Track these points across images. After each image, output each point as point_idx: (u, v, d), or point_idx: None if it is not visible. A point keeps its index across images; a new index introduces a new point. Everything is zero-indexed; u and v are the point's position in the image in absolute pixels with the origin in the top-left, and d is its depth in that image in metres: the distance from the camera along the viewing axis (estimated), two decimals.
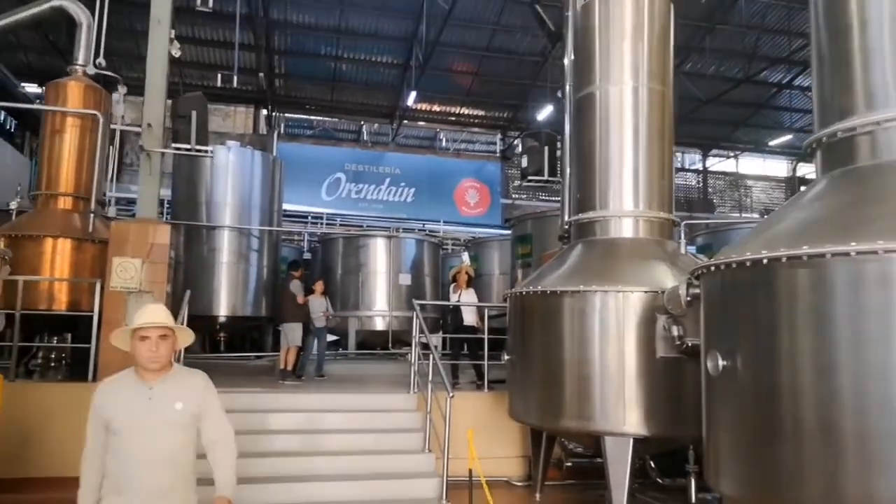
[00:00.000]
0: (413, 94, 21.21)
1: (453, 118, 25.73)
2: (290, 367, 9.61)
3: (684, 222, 7.98)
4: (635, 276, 6.32)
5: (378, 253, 14.94)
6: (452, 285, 9.87)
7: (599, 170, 7.00)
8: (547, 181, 8.74)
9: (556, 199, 25.88)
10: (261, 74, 20.92)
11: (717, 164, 27.92)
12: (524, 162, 8.86)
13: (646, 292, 6.06)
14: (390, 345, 14.63)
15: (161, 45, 7.91)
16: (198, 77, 23.00)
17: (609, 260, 6.68)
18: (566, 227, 7.55)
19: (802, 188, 4.79)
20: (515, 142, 26.21)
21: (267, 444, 7.01)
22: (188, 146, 7.86)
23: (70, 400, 7.20)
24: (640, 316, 6.06)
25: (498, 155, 26.58)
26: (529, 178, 8.76)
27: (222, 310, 13.73)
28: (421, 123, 26.20)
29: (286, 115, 25.60)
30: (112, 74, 8.84)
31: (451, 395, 6.66)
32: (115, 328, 3.78)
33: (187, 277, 13.79)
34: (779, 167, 27.76)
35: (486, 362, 8.64)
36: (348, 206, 23.90)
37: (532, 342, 6.80)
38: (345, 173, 24.65)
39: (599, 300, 6.24)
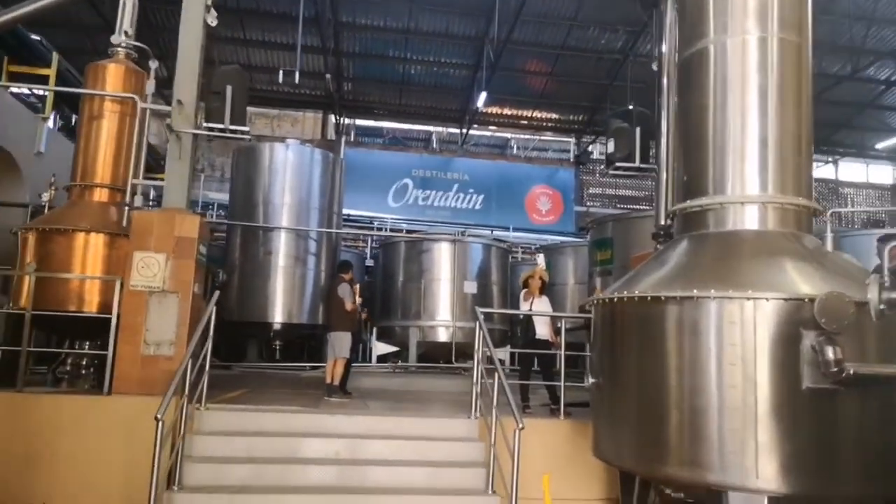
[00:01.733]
0: (483, 95, 19.88)
1: (525, 122, 24.24)
2: (336, 381, 8.39)
3: (830, 211, 6.23)
4: (766, 278, 4.71)
5: (442, 258, 13.63)
6: (523, 292, 8.41)
7: (714, 144, 5.42)
8: (639, 169, 7.19)
9: (636, 205, 23.92)
10: (327, 76, 20.05)
11: (814, 169, 25.30)
12: (610, 146, 7.34)
13: (786, 300, 4.45)
14: (453, 358, 13.24)
15: (196, 11, 6.85)
16: (266, 81, 22.46)
17: (729, 258, 5.08)
18: (668, 218, 5.99)
19: None
20: (591, 147, 24.50)
21: (297, 477, 5.74)
22: (222, 126, 6.74)
23: (82, 414, 6.15)
24: (777, 331, 4.46)
25: (572, 160, 24.89)
26: (617, 165, 7.22)
27: (277, 316, 12.74)
28: (491, 128, 24.83)
29: (356, 121, 24.77)
30: (144, 46, 7.82)
31: (520, 426, 5.19)
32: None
33: (242, 282, 12.89)
34: (884, 174, 24.87)
35: (562, 383, 7.12)
36: (415, 212, 22.75)
37: (625, 362, 5.27)
38: (412, 179, 23.54)
39: (719, 309, 4.67)
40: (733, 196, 5.28)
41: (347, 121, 24.32)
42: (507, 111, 23.78)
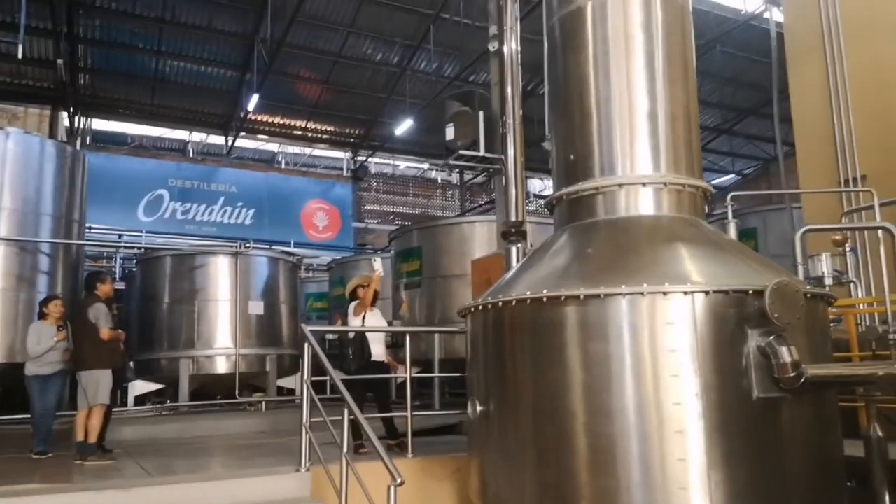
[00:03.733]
0: (255, 98, 17.88)
1: (299, 132, 22.54)
2: (93, 438, 6.13)
3: (731, 195, 5.79)
4: (683, 270, 3.96)
5: (220, 275, 11.52)
6: (353, 305, 6.94)
7: (599, 119, 4.63)
8: (483, 160, 6.24)
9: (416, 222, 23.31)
10: (59, 62, 16.43)
11: None
12: (449, 133, 6.30)
13: (719, 292, 3.70)
14: (237, 392, 11.17)
15: None
16: None
17: (629, 248, 4.27)
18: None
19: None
20: (367, 160, 23.62)
21: None
22: None
23: None
24: (710, 330, 3.68)
25: (349, 175, 23.75)
26: (460, 154, 6.19)
27: None
28: (261, 137, 22.69)
29: (93, 122, 20.85)
30: None
31: (397, 480, 3.75)
32: None
33: None
34: None
35: (409, 413, 5.82)
36: (173, 227, 19.73)
37: (518, 382, 4.18)
38: (168, 190, 20.44)
39: (633, 307, 3.80)
40: (624, 177, 4.51)
41: (84, 122, 20.39)
42: (278, 119, 21.90)
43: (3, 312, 9.59)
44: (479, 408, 4.19)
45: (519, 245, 5.95)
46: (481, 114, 6.22)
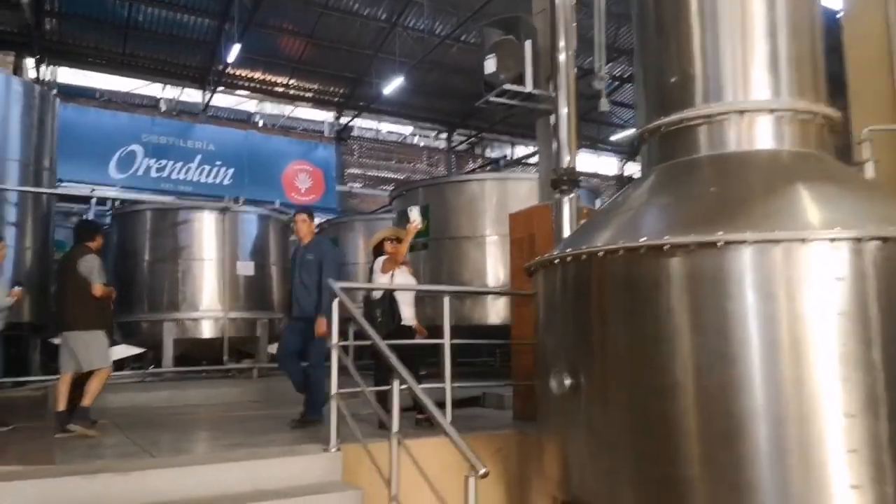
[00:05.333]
0: (237, 48, 16.56)
1: (280, 89, 21.22)
2: (87, 402, 5.25)
3: (869, 129, 4.98)
4: (822, 214, 3.20)
5: (206, 232, 10.49)
6: (380, 261, 6.00)
7: (702, 34, 3.81)
8: (529, 97, 5.37)
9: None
10: (23, 1, 14.88)
11: None
12: (490, 65, 5.40)
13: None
14: (225, 357, 10.24)
15: None
16: None
17: (745, 189, 3.49)
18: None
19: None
20: (351, 122, 22.43)
21: None
22: None
23: None
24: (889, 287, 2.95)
25: (332, 136, 22.54)
26: (502, 90, 5.29)
27: None
28: (241, 93, 21.30)
29: (57, 76, 19.21)
30: None
31: (480, 470, 2.94)
32: None
33: None
34: (610, 165, 27.07)
35: (448, 384, 5.02)
36: (147, 185, 18.38)
37: (607, 351, 3.41)
38: (142, 146, 19.01)
39: (762, 258, 3.05)
40: (736, 103, 3.70)
41: (51, 72, 18.79)
42: (259, 75, 20.55)
43: None
44: (567, 381, 3.38)
45: (571, 195, 5.15)
46: (528, 43, 5.34)
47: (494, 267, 9.55)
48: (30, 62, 17.92)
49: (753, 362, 3.07)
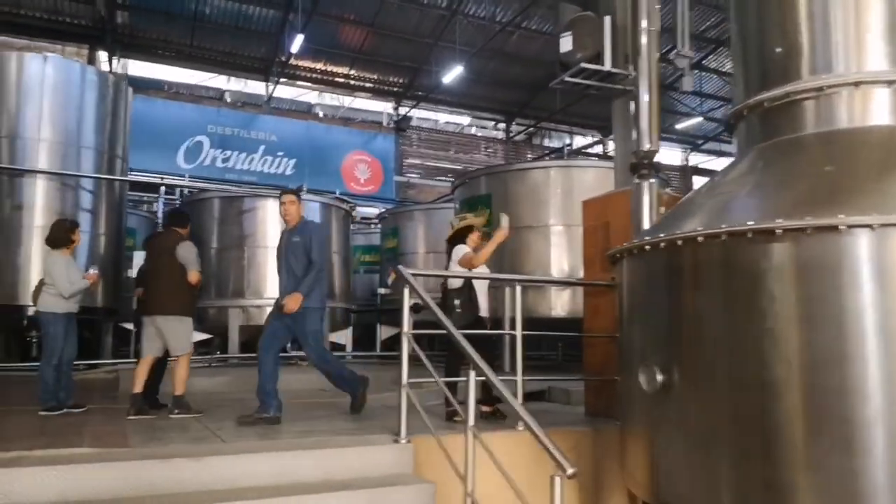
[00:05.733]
0: (299, 39, 16.68)
1: (341, 79, 21.32)
2: (179, 390, 5.34)
3: None
4: None
5: (270, 220, 10.55)
6: (462, 250, 5.66)
7: (810, 1, 3.46)
8: (609, 76, 5.08)
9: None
10: None
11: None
12: (565, 44, 5.14)
13: None
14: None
15: None
16: (11, 2, 16.91)
17: (863, 169, 3.15)
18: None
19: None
20: (410, 112, 22.36)
21: None
22: None
23: None
24: None
25: (392, 126, 22.54)
26: (583, 67, 5.03)
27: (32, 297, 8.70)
28: (302, 84, 21.49)
29: (128, 70, 19.76)
30: None
31: (568, 470, 2.73)
32: None
33: None
34: (673, 156, 26.19)
35: (519, 376, 4.82)
36: (213, 175, 18.76)
37: (704, 345, 3.13)
38: (209, 136, 19.44)
39: (892, 244, 2.71)
40: (849, 74, 3.35)
41: (121, 65, 19.35)
42: (320, 66, 20.69)
43: (40, 252, 8.73)
44: (658, 377, 3.13)
45: (652, 180, 4.85)
46: (608, 19, 5.04)
47: (559, 258, 9.28)
48: (102, 55, 18.50)
49: (872, 362, 2.77)
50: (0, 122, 8.91)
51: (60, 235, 5.67)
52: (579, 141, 25.44)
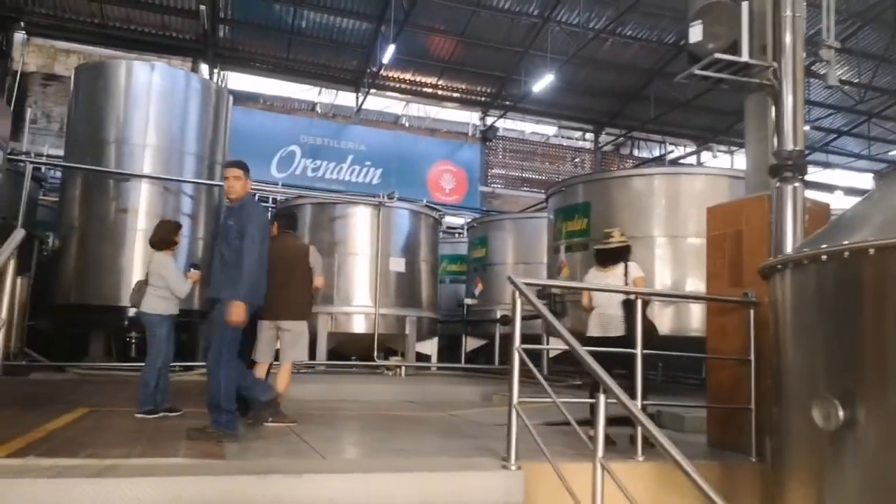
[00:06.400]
0: (391, 49, 16.70)
1: (429, 90, 21.28)
2: (279, 393, 5.21)
3: None
4: None
5: (361, 228, 10.46)
6: (636, 269, 5.25)
7: None
8: (746, 67, 4.54)
9: (541, 189, 21.75)
10: (202, 8, 15.94)
11: (710, 160, 24.64)
12: (695, 34, 4.64)
13: None
14: (375, 354, 10.13)
15: None
16: (121, 17, 17.86)
17: None
18: (798, 150, 3.32)
19: None
20: (496, 122, 22.06)
21: None
22: None
23: None
24: None
25: (478, 136, 22.30)
26: (713, 60, 4.51)
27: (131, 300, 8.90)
28: (391, 95, 21.60)
29: (227, 83, 20.45)
30: None
31: None
32: None
33: (84, 250, 9.01)
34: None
35: (637, 400, 4.31)
36: (304, 183, 19.06)
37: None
38: (300, 146, 19.83)
39: None
40: None
41: (221, 77, 20.04)
42: (409, 76, 20.72)
43: (142, 255, 8.94)
44: (840, 412, 2.58)
45: (797, 184, 4.26)
46: (745, 5, 4.51)
47: (661, 271, 8.65)
48: (204, 68, 19.22)
49: None
50: (109, 127, 9.21)
51: (165, 236, 5.65)
52: (672, 151, 24.36)
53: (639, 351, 4.35)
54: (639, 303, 4.45)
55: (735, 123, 22.65)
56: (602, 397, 3.06)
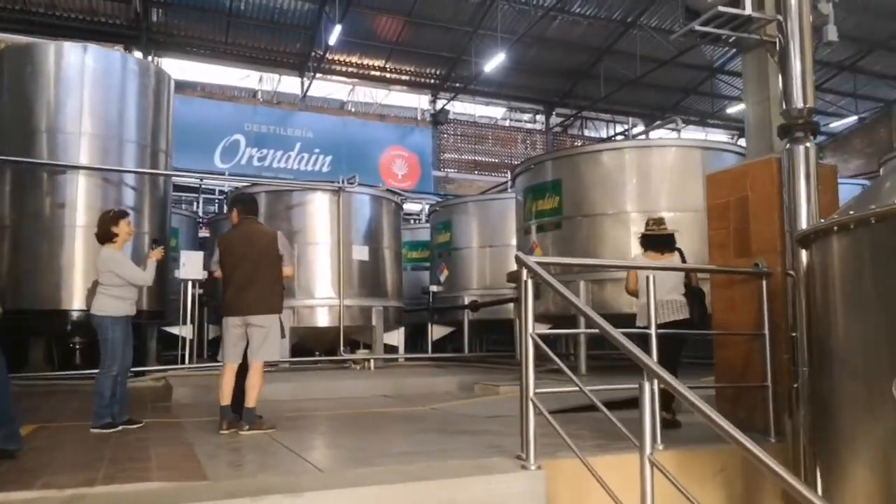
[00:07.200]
0: (337, 30, 16.04)
1: (376, 73, 20.63)
2: (251, 403, 4.64)
3: None
4: None
5: (321, 215, 9.92)
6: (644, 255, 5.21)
7: None
8: (748, 21, 4.25)
9: (497, 172, 21.35)
10: None
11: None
12: None
13: None
14: (341, 348, 9.63)
15: None
16: (45, 3, 16.54)
17: None
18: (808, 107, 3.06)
19: None
20: (447, 105, 21.61)
21: None
22: None
23: None
24: None
25: (428, 120, 21.80)
26: (716, 14, 4.20)
27: (76, 302, 8.14)
28: (337, 79, 20.84)
29: (164, 64, 19.24)
30: None
31: None
32: None
33: (16, 250, 8.22)
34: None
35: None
36: (250, 173, 18.20)
37: None
38: (245, 135, 18.93)
39: None
40: None
41: (155, 64, 18.85)
42: (356, 59, 20.03)
43: (84, 252, 8.18)
44: None
45: (809, 144, 4.02)
46: None
47: (637, 247, 8.43)
48: (137, 55, 18.02)
49: None
50: (39, 115, 8.36)
51: (105, 228, 5.03)
52: (621, 129, 24.41)
53: (653, 331, 4.05)
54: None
55: (682, 100, 22.88)
56: (647, 385, 2.71)
